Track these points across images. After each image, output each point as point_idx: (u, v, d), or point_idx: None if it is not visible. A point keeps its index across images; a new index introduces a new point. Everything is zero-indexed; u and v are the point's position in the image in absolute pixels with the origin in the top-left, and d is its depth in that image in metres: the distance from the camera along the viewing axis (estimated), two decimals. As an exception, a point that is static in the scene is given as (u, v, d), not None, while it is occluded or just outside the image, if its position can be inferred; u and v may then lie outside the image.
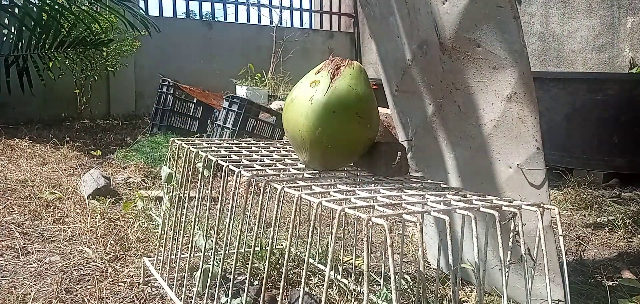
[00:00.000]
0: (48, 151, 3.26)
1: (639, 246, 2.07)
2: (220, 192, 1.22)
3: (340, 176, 1.19)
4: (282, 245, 1.82)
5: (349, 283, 1.52)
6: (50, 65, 4.12)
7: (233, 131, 3.15)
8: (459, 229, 1.39)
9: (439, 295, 1.45)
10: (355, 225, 1.69)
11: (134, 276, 1.53)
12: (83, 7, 4.13)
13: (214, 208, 2.22)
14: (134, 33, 4.42)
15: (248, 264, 1.18)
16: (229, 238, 1.18)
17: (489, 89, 1.30)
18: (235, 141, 1.51)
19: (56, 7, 3.83)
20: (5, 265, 1.60)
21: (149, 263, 1.54)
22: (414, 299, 1.43)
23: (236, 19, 6.33)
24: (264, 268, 1.34)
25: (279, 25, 6.27)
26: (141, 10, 5.16)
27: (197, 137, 3.40)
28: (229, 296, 1.14)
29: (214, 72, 5.35)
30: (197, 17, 6.39)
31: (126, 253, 1.72)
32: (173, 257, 1.40)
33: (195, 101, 3.83)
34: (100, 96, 5.02)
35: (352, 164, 1.28)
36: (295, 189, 0.99)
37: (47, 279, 1.51)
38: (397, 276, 1.45)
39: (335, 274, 1.57)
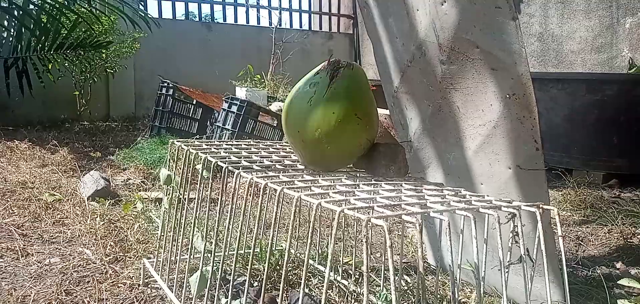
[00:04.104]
0: (48, 153, 3.26)
1: (639, 246, 2.07)
2: (220, 193, 1.23)
3: (340, 177, 1.19)
4: (281, 246, 1.82)
5: (348, 284, 1.52)
6: (50, 67, 4.13)
7: (232, 133, 3.15)
8: (459, 230, 1.39)
9: (438, 296, 1.45)
10: (355, 226, 1.69)
11: (133, 278, 1.54)
12: (83, 8, 4.13)
13: (213, 210, 2.22)
14: (135, 30, 4.41)
15: (248, 265, 1.18)
16: (228, 240, 1.18)
17: (488, 90, 1.30)
18: (234, 143, 1.51)
19: (56, 6, 3.83)
20: (5, 267, 1.60)
21: (148, 264, 1.54)
22: (414, 299, 1.43)
23: (235, 20, 6.33)
24: (264, 269, 1.34)
25: (278, 26, 6.27)
26: (141, 7, 5.15)
27: (196, 138, 3.40)
28: (229, 297, 1.14)
29: (214, 74, 5.35)
30: (197, 19, 6.39)
31: (126, 254, 1.72)
32: (173, 258, 1.40)
33: (194, 103, 3.83)
34: (99, 98, 5.02)
35: (351, 165, 1.28)
36: (294, 190, 0.99)
37: (46, 280, 1.51)
38: (396, 277, 1.45)
39: (335, 275, 1.57)
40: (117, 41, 4.52)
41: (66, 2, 3.94)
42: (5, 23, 4.02)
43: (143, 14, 4.42)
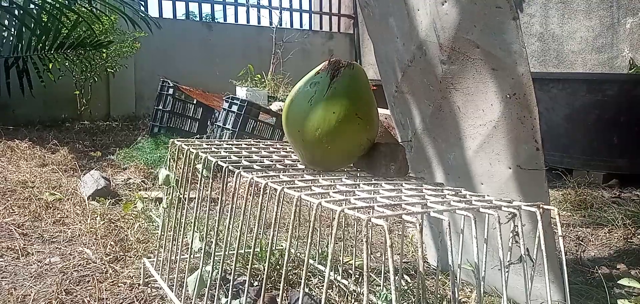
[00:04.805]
0: (48, 152, 3.26)
1: (639, 246, 2.07)
2: (220, 193, 1.23)
3: (340, 176, 1.19)
4: (281, 246, 1.82)
5: (348, 283, 1.52)
6: (50, 67, 4.13)
7: (233, 132, 3.15)
8: (459, 230, 1.39)
9: (438, 295, 1.45)
10: (355, 226, 1.69)
11: (133, 277, 1.54)
12: (83, 8, 4.13)
13: (214, 209, 2.22)
14: (135, 31, 4.41)
15: (248, 265, 1.18)
16: (228, 239, 1.18)
17: (488, 89, 1.30)
18: (235, 142, 1.51)
19: (57, 5, 3.84)
20: (6, 266, 1.60)
21: (148, 263, 1.55)
22: (414, 299, 1.43)
23: (236, 20, 6.33)
24: (264, 269, 1.34)
25: (278, 26, 6.27)
26: (141, 8, 5.15)
27: (197, 138, 3.40)
28: (229, 297, 1.14)
29: (214, 74, 5.36)
30: (197, 19, 6.39)
31: (126, 254, 1.72)
32: (173, 258, 1.40)
33: (195, 102, 3.83)
34: (100, 97, 5.02)
35: (351, 165, 1.28)
36: (295, 190, 0.99)
37: (47, 280, 1.51)
38: (396, 277, 1.45)
39: (335, 275, 1.57)
40: (117, 41, 4.52)
41: (67, 2, 3.95)
42: (6, 22, 4.02)
43: (144, 15, 4.42)
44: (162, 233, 1.50)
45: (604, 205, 2.67)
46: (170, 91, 3.83)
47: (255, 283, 1.51)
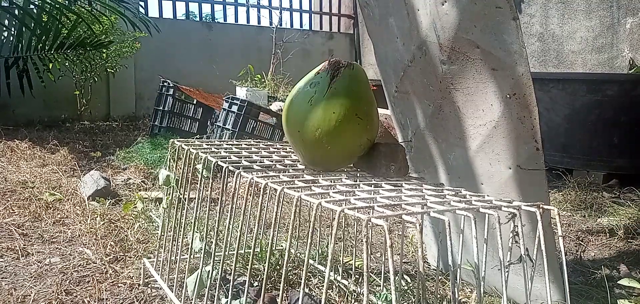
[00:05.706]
0: (48, 153, 3.26)
1: (639, 246, 2.07)
2: (220, 193, 1.23)
3: (340, 176, 1.19)
4: (281, 246, 1.82)
5: (348, 283, 1.52)
6: (50, 67, 4.13)
7: (233, 132, 3.15)
8: (459, 230, 1.39)
9: (438, 295, 1.45)
10: (355, 226, 1.69)
11: (133, 277, 1.54)
12: (83, 8, 4.13)
13: (214, 209, 2.22)
14: (135, 32, 4.42)
15: (248, 265, 1.18)
16: (228, 239, 1.18)
17: (488, 90, 1.30)
18: (235, 142, 1.51)
19: (57, 6, 3.84)
20: (6, 266, 1.60)
21: (148, 264, 1.55)
22: (414, 300, 1.43)
23: (236, 20, 6.33)
24: (264, 269, 1.34)
25: (278, 26, 6.27)
26: (141, 9, 5.15)
27: (197, 138, 3.40)
28: (229, 297, 1.14)
29: (214, 74, 5.36)
30: (197, 19, 6.39)
31: (126, 254, 1.72)
32: (173, 258, 1.40)
33: (195, 102, 3.83)
34: (100, 98, 5.03)
35: (351, 165, 1.28)
36: (295, 190, 0.99)
37: (47, 280, 1.51)
38: (397, 277, 1.45)
39: (335, 275, 1.57)
40: (117, 41, 4.52)
41: (67, 2, 3.95)
42: (6, 22, 4.02)
43: (143, 17, 4.43)
44: (162, 233, 1.50)
45: (603, 205, 2.67)
46: (170, 91, 3.83)
47: (255, 283, 1.51)
